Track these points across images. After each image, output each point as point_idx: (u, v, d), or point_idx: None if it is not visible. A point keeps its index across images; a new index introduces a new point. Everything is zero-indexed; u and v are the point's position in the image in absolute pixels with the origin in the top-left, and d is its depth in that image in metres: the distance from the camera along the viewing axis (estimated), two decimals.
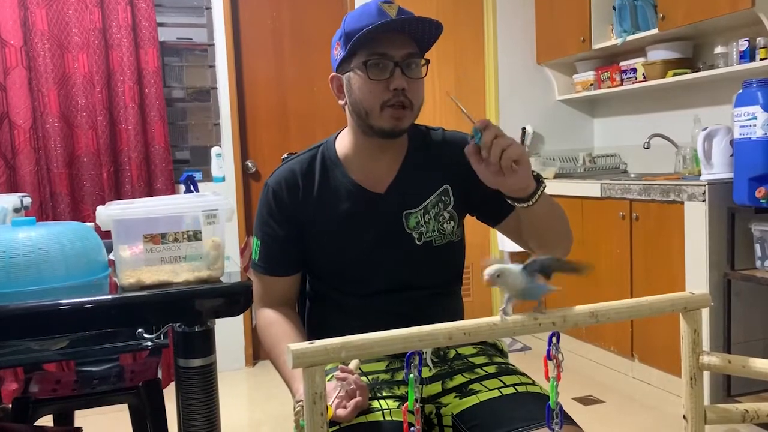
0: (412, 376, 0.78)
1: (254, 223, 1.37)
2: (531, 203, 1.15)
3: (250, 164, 3.68)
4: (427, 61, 1.26)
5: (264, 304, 1.35)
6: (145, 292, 1.06)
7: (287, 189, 1.31)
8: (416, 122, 1.33)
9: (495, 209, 1.33)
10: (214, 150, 3.50)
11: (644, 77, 3.44)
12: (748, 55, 2.84)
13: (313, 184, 1.31)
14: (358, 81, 1.23)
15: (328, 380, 1.16)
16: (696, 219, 2.68)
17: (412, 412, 0.79)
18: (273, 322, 1.31)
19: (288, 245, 1.32)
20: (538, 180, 1.16)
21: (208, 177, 3.50)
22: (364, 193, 1.30)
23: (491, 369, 1.25)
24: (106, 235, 1.12)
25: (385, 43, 1.20)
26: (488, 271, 0.84)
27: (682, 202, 2.75)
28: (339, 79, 1.29)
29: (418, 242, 1.31)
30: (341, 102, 1.30)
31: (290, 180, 1.31)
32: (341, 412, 1.08)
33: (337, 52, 1.27)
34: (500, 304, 0.85)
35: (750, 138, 2.48)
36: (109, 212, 1.06)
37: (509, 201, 1.17)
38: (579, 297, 3.36)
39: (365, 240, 1.30)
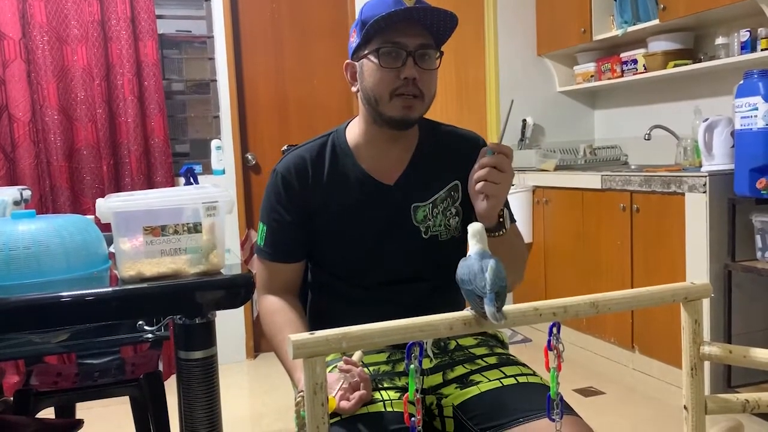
0: (412, 366, 0.78)
1: (261, 209, 1.36)
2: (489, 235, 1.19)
3: (250, 157, 3.67)
4: (441, 53, 1.26)
5: (267, 291, 1.34)
6: (145, 285, 1.06)
7: (297, 175, 1.30)
8: (427, 116, 1.33)
9: None
10: (214, 143, 3.49)
11: (645, 68, 3.42)
12: (750, 46, 2.83)
13: (322, 172, 1.31)
14: (371, 68, 1.23)
15: (330, 371, 1.16)
16: (697, 210, 2.68)
17: (412, 403, 0.79)
18: (276, 309, 1.31)
19: (295, 232, 1.31)
20: (501, 223, 1.21)
21: (208, 170, 3.49)
22: (373, 183, 1.30)
23: (492, 360, 1.25)
24: (106, 227, 1.12)
25: (400, 32, 1.20)
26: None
27: (682, 194, 2.74)
28: (353, 66, 1.29)
29: (424, 236, 1.31)
30: (354, 89, 1.31)
31: (300, 166, 1.31)
32: (345, 404, 1.08)
33: (353, 39, 1.28)
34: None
35: (751, 129, 2.48)
36: (109, 205, 1.06)
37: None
38: (579, 289, 3.37)
39: (371, 230, 1.30)
